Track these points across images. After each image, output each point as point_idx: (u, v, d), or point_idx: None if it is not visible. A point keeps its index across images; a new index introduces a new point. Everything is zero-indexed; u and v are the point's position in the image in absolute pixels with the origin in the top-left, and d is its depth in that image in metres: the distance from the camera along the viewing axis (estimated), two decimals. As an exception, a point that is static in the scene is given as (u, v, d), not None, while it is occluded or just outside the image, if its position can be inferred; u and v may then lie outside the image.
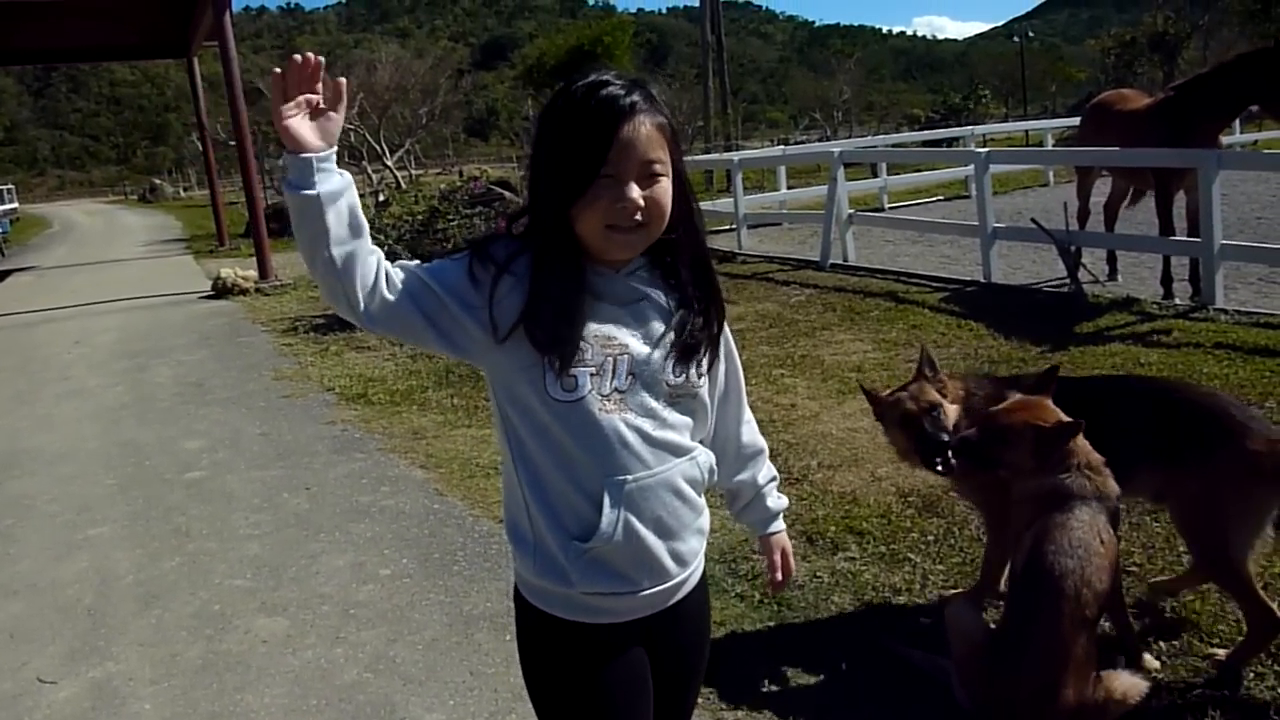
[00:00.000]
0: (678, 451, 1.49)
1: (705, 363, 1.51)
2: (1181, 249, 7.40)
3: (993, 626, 2.70)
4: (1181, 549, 3.28)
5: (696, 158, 23.59)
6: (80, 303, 12.82)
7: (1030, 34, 69.76)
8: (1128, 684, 2.39)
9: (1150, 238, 8.00)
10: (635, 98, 1.38)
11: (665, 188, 1.40)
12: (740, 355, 1.74)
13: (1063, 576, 2.35)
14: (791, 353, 6.71)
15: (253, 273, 12.81)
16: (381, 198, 19.34)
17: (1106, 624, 2.85)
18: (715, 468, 1.58)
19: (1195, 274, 7.28)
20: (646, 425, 1.44)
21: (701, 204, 1.57)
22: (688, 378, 1.48)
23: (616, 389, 1.41)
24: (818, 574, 3.50)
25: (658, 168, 1.39)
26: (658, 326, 1.44)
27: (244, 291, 12.27)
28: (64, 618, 3.70)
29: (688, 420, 1.52)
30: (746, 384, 1.75)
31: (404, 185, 22.94)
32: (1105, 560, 2.40)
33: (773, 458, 4.83)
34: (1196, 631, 2.88)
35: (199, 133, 21.92)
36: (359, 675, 3.08)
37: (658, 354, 1.44)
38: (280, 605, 3.64)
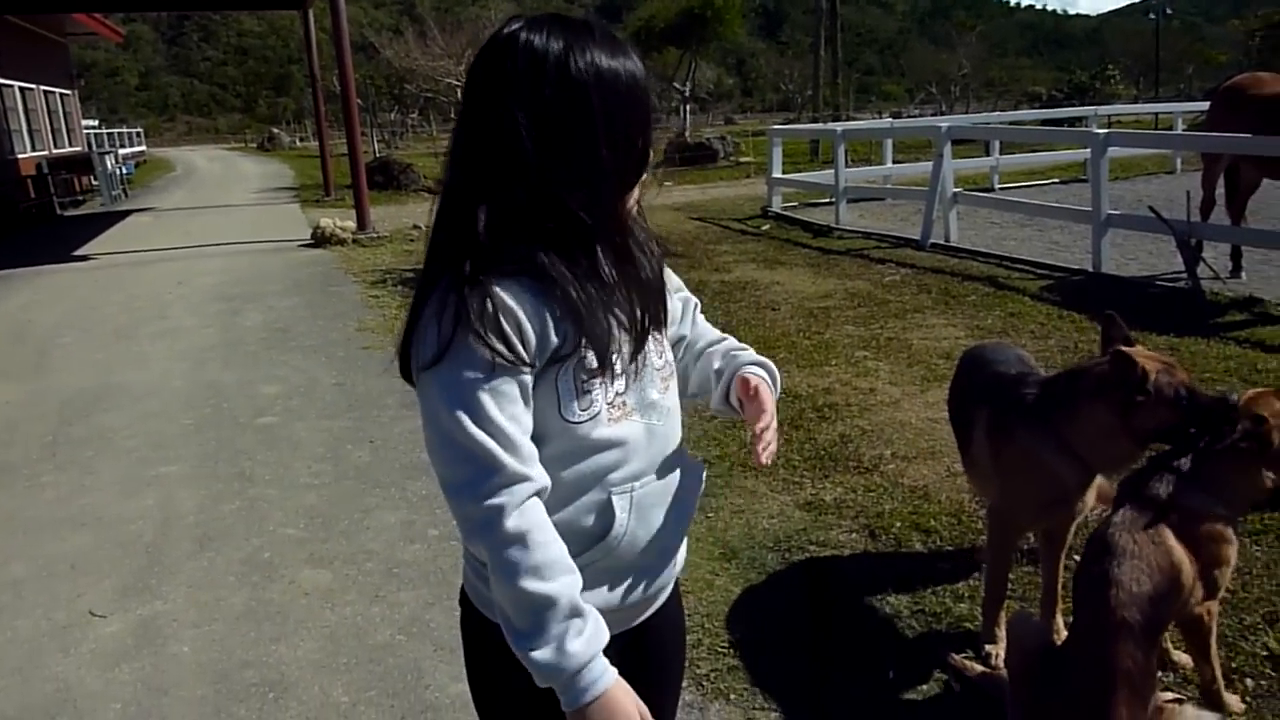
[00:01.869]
0: (678, 447, 1.37)
1: (665, 323, 1.36)
2: (1318, 247, 6.80)
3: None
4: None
5: (799, 126, 23.07)
6: (190, 244, 13.28)
7: (1169, 11, 65.62)
8: (1195, 719, 2.15)
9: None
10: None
11: None
12: (825, 334, 1.59)
13: (1110, 584, 2.11)
14: (878, 334, 6.42)
15: (351, 223, 13.04)
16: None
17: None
18: (701, 470, 1.44)
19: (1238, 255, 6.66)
20: (652, 423, 1.30)
21: (801, 175, 1.40)
22: (664, 355, 1.34)
23: (618, 392, 1.26)
24: (875, 572, 3.30)
25: None
26: (627, 308, 1.26)
27: (341, 242, 12.50)
28: (124, 553, 3.78)
29: (677, 404, 1.39)
30: (828, 365, 1.60)
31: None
32: (1155, 565, 2.15)
33: (844, 443, 4.60)
34: (1294, 673, 2.60)
35: (312, 85, 22.38)
36: (392, 637, 3.04)
37: (641, 339, 1.28)
38: (327, 558, 3.64)
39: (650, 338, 1.29)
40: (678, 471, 1.36)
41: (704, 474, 1.44)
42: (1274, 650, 2.68)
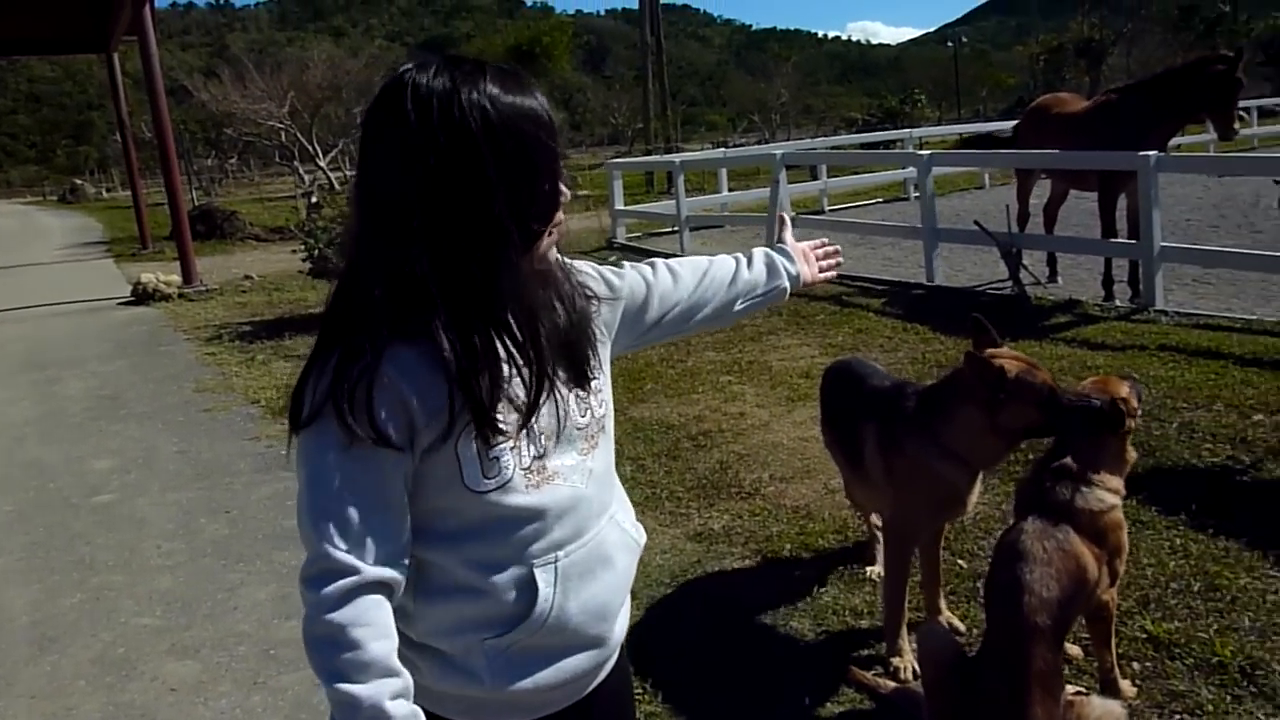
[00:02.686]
0: (605, 509, 1.28)
1: (595, 368, 1.26)
2: (1122, 251, 7.42)
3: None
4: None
5: (637, 159, 23.48)
6: (-11, 310, 12.12)
7: (962, 40, 71.09)
8: (1103, 710, 2.24)
9: (1091, 240, 8.03)
10: None
11: None
12: (688, 362, 1.59)
13: (1022, 590, 2.19)
14: (739, 358, 6.54)
15: (176, 277, 12.25)
16: (314, 199, 18.75)
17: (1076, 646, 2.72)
18: (638, 526, 1.38)
19: (1135, 276, 7.30)
20: (576, 487, 1.22)
21: (643, 206, 1.37)
22: (590, 412, 1.25)
23: (535, 456, 1.17)
24: (773, 597, 3.31)
25: None
26: (536, 368, 1.16)
27: (166, 297, 11.72)
28: (-53, 666, 3.35)
29: (608, 462, 1.31)
30: (696, 393, 1.59)
31: (337, 186, 22.32)
32: (1063, 569, 2.24)
33: (723, 470, 4.62)
34: (1168, 652, 2.77)
35: (120, 131, 21.01)
36: (278, 726, 2.81)
37: (560, 393, 1.19)
38: (192, 647, 3.33)
39: (573, 395, 1.22)
40: (612, 534, 1.28)
41: (643, 535, 1.38)
42: (1152, 632, 2.85)
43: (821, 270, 1.68)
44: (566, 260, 1.28)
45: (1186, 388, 5.08)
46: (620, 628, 1.32)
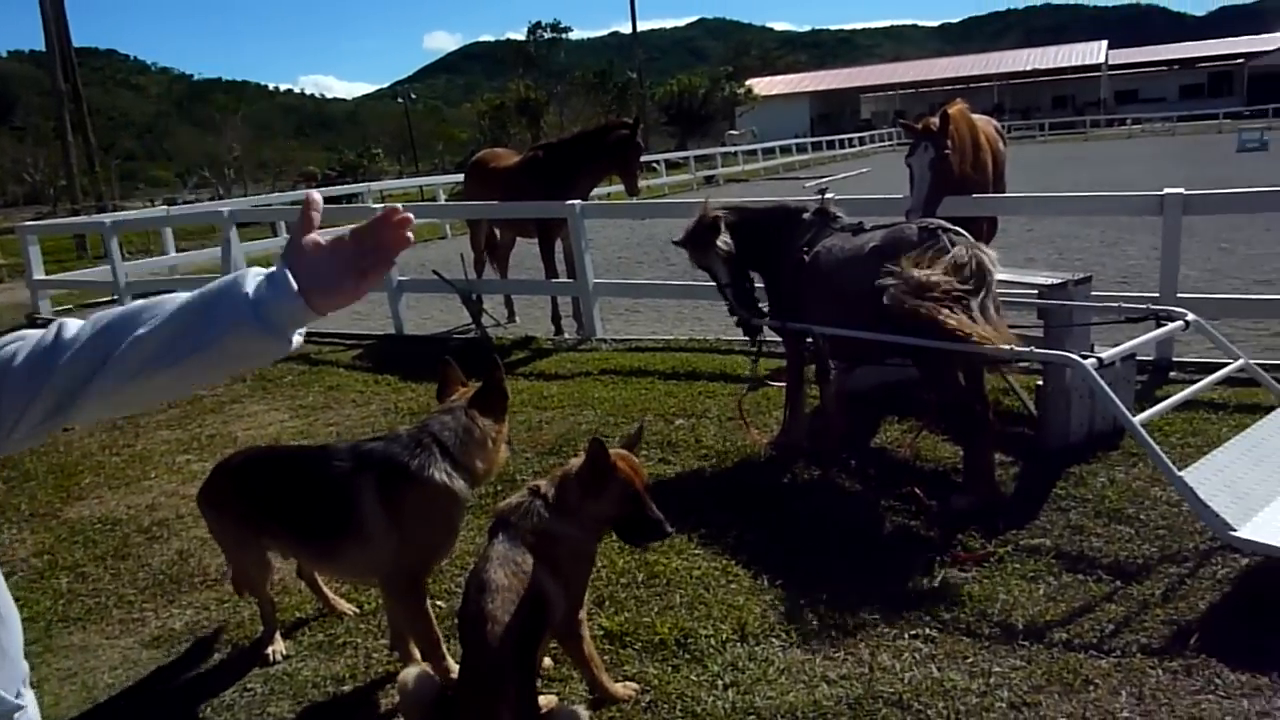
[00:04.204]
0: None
1: None
2: (563, 289, 8.26)
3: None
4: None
5: (58, 221, 20.49)
6: None
7: (414, 96, 73.84)
8: (565, 716, 2.42)
9: (538, 281, 8.80)
10: None
11: None
12: (137, 445, 1.36)
13: (486, 620, 2.31)
14: (198, 434, 5.99)
15: None
16: None
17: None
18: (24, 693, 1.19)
19: (578, 311, 8.17)
20: None
21: (74, 274, 1.15)
22: None
23: None
24: (249, 685, 3.06)
25: None
26: None
27: None
28: None
29: None
30: (147, 479, 1.37)
31: None
32: (524, 595, 2.37)
33: (184, 560, 4.17)
34: (620, 641, 3.10)
35: None
36: None
37: None
38: None
39: None
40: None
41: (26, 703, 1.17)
42: (607, 627, 3.17)
43: (370, 268, 1.14)
44: None
45: (625, 404, 5.80)
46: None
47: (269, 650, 3.19)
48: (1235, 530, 2.99)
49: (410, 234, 1.17)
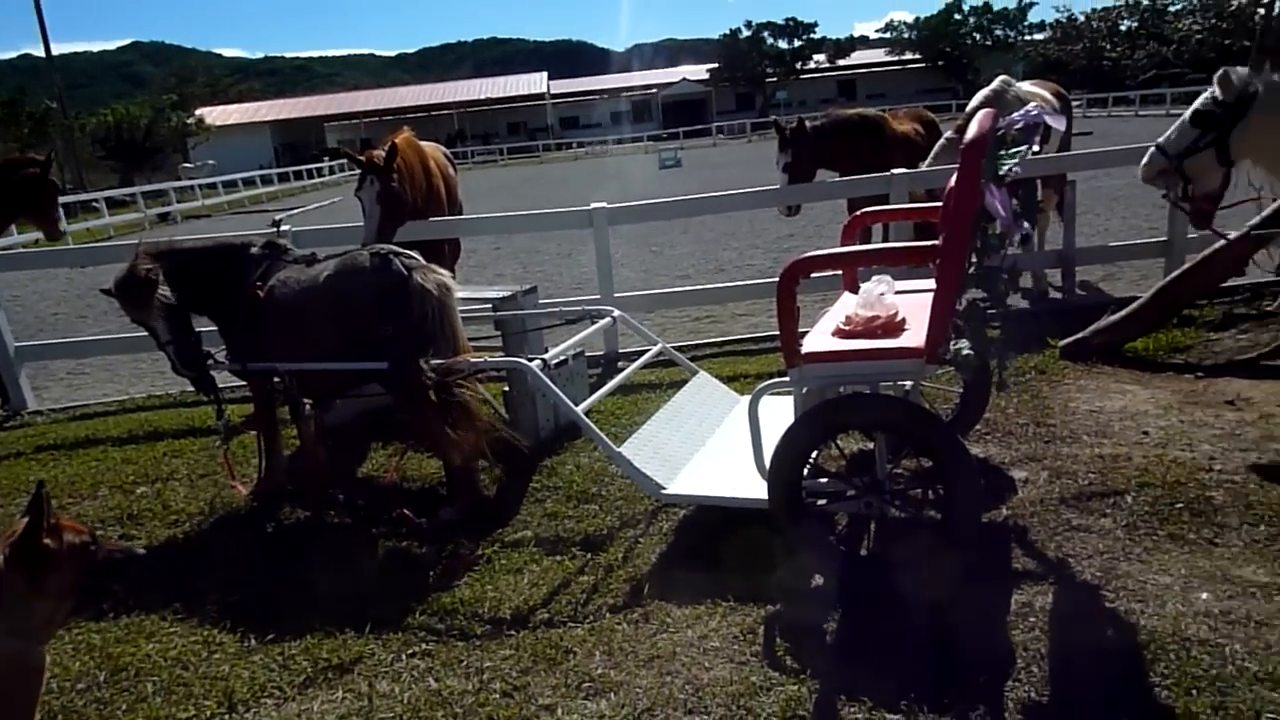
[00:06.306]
0: None
1: None
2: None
3: None
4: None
5: None
6: None
7: None
8: None
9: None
10: None
11: None
12: None
13: None
14: None
15: None
16: None
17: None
18: None
19: (2, 384, 6.90)
20: None
21: None
22: None
23: None
24: None
25: None
26: None
27: None
28: None
29: None
30: None
31: None
32: None
33: None
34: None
35: None
36: None
37: None
38: None
39: None
40: None
41: None
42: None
43: None
44: None
45: (70, 481, 5.03)
46: None
47: None
48: (665, 489, 3.49)
49: None
